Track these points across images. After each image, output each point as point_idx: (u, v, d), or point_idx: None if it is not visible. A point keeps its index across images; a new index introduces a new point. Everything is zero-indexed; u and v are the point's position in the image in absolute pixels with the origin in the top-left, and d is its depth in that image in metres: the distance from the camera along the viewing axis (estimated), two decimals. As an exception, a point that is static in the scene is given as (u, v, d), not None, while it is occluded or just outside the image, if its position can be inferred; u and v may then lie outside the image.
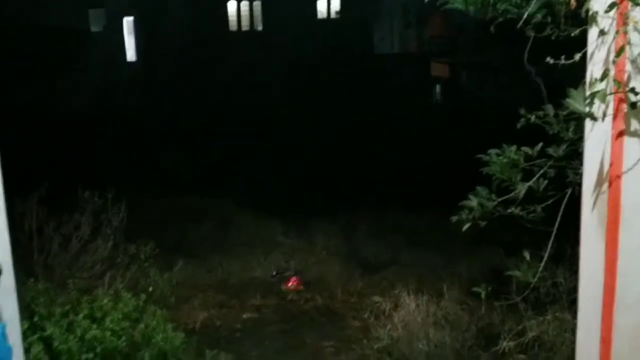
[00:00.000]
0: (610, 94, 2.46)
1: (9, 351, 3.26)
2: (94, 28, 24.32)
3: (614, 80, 2.45)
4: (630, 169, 2.49)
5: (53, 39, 18.24)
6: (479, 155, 3.35)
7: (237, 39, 28.35)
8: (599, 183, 2.57)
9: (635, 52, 2.42)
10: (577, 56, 2.60)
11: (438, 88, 24.64)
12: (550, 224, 3.18)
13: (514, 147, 3.24)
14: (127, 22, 26.08)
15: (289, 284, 8.09)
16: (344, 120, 18.22)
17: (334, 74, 23.99)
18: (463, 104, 20.84)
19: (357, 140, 15.99)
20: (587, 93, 2.51)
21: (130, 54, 26.26)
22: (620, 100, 2.48)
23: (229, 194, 11.57)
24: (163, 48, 25.39)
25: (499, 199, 3.28)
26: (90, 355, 4.28)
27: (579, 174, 2.91)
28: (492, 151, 3.31)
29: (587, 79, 2.58)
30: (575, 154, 3.06)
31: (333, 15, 29.45)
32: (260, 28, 29.31)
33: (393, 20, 28.83)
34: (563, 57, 2.67)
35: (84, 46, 21.18)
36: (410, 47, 27.91)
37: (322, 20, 29.35)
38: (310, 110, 19.71)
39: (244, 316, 7.28)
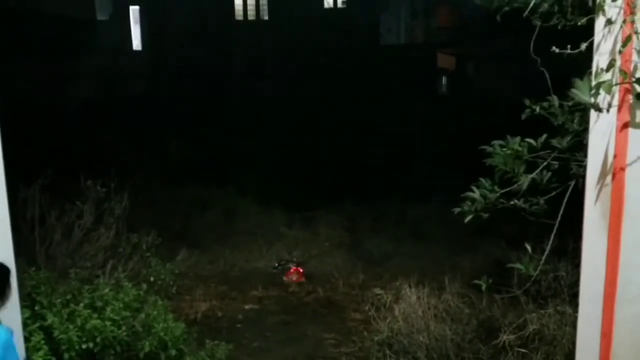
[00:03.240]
0: (616, 84, 2.42)
1: None
2: (100, 17, 24.26)
3: (620, 70, 2.41)
4: (635, 161, 2.45)
5: (59, 27, 18.20)
6: (483, 147, 3.31)
7: (243, 28, 28.26)
8: (602, 175, 2.54)
9: (642, 41, 2.38)
10: (584, 46, 2.56)
11: (444, 80, 24.49)
12: (553, 217, 3.14)
13: (517, 139, 3.21)
14: (134, 10, 26.03)
15: (291, 276, 8.08)
16: (348, 112, 18.16)
17: (339, 64, 23.89)
18: (469, 96, 20.70)
19: (361, 132, 15.94)
20: (593, 83, 2.47)
21: (136, 43, 26.23)
22: (626, 91, 2.44)
23: (233, 184, 11.56)
24: (169, 37, 25.35)
25: (502, 191, 3.25)
26: (90, 344, 4.27)
27: (582, 167, 2.87)
28: (496, 142, 3.27)
29: (593, 69, 2.54)
30: (580, 146, 3.02)
31: (339, 4, 29.29)
32: (266, 17, 29.21)
33: (400, 10, 28.64)
34: (569, 47, 2.62)
35: (90, 35, 21.13)
36: (417, 38, 27.73)
37: (329, 9, 29.19)
38: (315, 101, 19.65)
39: (246, 307, 7.27)
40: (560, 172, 3.16)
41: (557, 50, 2.64)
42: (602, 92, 2.42)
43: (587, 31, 2.60)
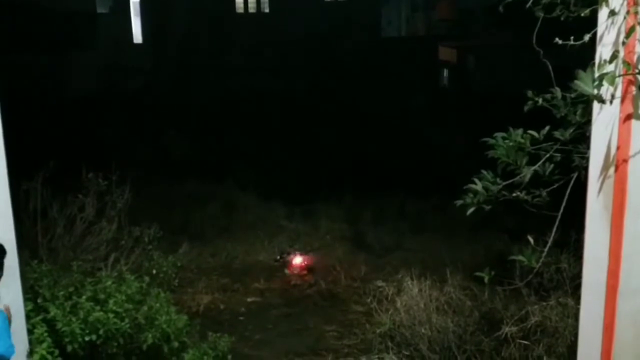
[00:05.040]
0: (620, 76, 2.40)
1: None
2: (100, 9, 24.18)
3: (624, 61, 2.39)
4: (638, 153, 2.44)
5: (59, 20, 18.16)
6: (485, 139, 3.30)
7: (243, 21, 28.18)
8: (605, 167, 2.53)
9: (646, 32, 2.36)
10: (587, 37, 2.55)
11: (445, 72, 24.41)
12: (555, 209, 3.14)
13: (520, 131, 3.19)
14: (134, 3, 25.94)
15: (293, 268, 8.09)
16: (348, 104, 18.13)
17: (340, 57, 23.83)
18: (470, 88, 20.65)
19: (361, 124, 15.91)
20: (596, 75, 2.46)
21: (137, 36, 26.15)
22: (629, 83, 2.42)
23: (233, 178, 11.56)
24: (169, 30, 25.28)
25: (504, 183, 3.24)
26: (93, 336, 4.29)
27: (585, 158, 2.86)
28: (498, 134, 3.26)
29: (596, 61, 2.52)
30: (582, 138, 3.01)
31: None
32: (267, 10, 29.11)
33: (401, 3, 28.53)
34: (572, 38, 2.61)
35: (90, 28, 21.08)
36: (417, 31, 27.64)
37: (330, 2, 29.08)
38: (316, 93, 19.62)
39: (248, 300, 7.30)
40: (562, 164, 3.15)
41: (560, 42, 2.62)
42: (605, 83, 2.41)
43: (590, 23, 2.59)
